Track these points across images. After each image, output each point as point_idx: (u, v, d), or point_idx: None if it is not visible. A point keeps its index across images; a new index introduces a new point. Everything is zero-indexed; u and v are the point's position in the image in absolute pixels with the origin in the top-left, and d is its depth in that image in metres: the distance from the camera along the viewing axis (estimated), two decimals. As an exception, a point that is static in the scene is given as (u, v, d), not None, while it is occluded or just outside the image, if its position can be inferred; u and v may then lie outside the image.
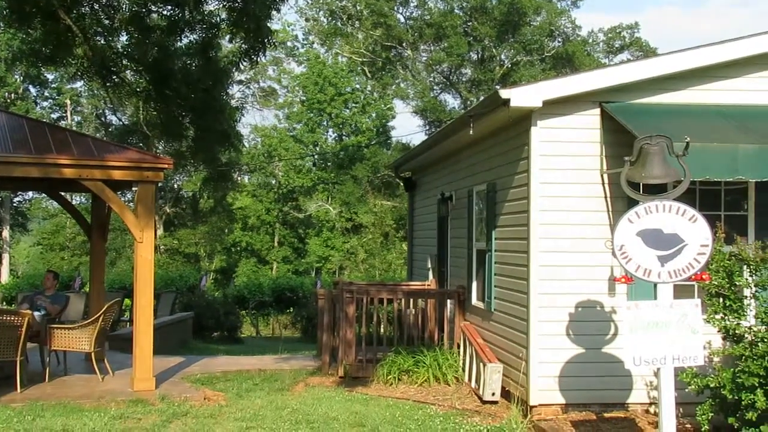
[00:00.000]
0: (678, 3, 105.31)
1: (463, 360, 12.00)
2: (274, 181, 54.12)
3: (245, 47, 14.64)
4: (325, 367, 12.98)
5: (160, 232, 46.95)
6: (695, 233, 7.15)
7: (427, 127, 49.49)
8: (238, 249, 53.70)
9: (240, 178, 53.51)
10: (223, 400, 10.88)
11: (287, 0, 15.21)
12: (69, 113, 50.48)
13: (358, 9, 50.34)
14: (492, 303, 11.23)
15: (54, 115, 50.50)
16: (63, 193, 15.17)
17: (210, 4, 14.72)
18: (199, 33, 15.03)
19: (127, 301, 19.92)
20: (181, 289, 28.62)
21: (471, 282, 12.60)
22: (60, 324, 12.42)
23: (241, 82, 50.92)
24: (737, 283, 8.08)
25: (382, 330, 13.51)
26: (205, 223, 50.86)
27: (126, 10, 14.84)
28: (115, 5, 14.85)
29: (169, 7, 14.74)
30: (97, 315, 11.86)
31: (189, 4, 14.13)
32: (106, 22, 15.11)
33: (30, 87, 49.55)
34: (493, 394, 10.50)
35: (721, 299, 8.10)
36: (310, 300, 28.89)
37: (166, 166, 11.75)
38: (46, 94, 51.00)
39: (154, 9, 15.03)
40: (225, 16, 14.57)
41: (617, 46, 52.28)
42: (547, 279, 9.60)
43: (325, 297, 13.50)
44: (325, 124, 53.39)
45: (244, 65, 15.93)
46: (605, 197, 9.65)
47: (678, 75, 9.77)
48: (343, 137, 53.46)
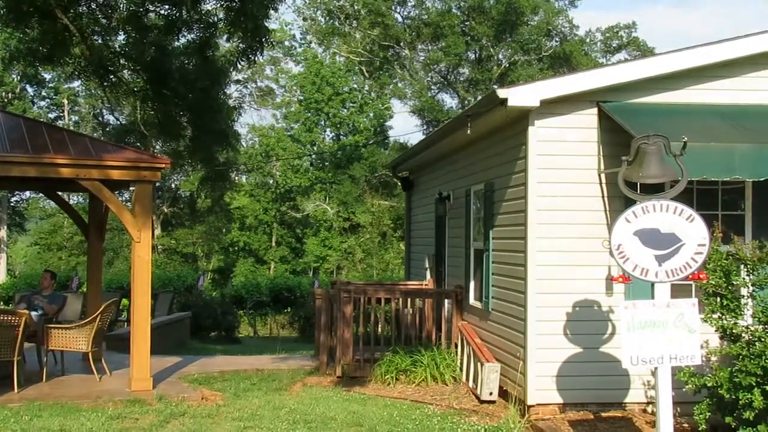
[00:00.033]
0: (675, 3, 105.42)
1: (461, 360, 12.00)
2: (271, 181, 54.09)
3: (243, 47, 14.62)
4: (323, 367, 12.98)
5: (158, 231, 46.91)
6: (692, 233, 7.16)
7: (425, 127, 49.47)
8: (236, 249, 53.67)
9: (237, 178, 53.40)
10: (221, 400, 10.87)
11: (285, -1, 15.20)
12: (66, 113, 50.44)
13: (356, 8, 50.28)
14: (489, 302, 11.24)
15: (51, 115, 50.44)
16: (60, 193, 15.15)
17: (207, 3, 14.71)
18: (197, 32, 15.03)
19: (124, 301, 19.92)
20: (179, 288, 28.63)
21: (469, 282, 12.60)
22: (57, 324, 12.41)
23: (238, 81, 50.88)
24: (734, 282, 8.09)
25: (380, 330, 13.52)
26: (202, 223, 50.82)
27: (123, 10, 14.83)
28: (112, 5, 14.85)
29: (167, 6, 14.73)
30: (95, 315, 11.85)
31: (186, 4, 14.12)
32: (104, 22, 15.11)
33: (27, 86, 49.45)
34: (490, 394, 10.50)
35: (718, 298, 8.11)
36: (307, 300, 28.93)
37: (164, 165, 11.76)
38: (43, 93, 50.92)
39: (152, 8, 15.03)
40: (222, 15, 14.56)
41: (615, 45, 52.27)
42: (545, 279, 9.60)
43: (322, 297, 13.49)
44: (322, 123, 53.36)
45: (241, 65, 15.92)
46: (602, 197, 9.66)
47: (675, 74, 9.77)
48: (341, 137, 53.44)
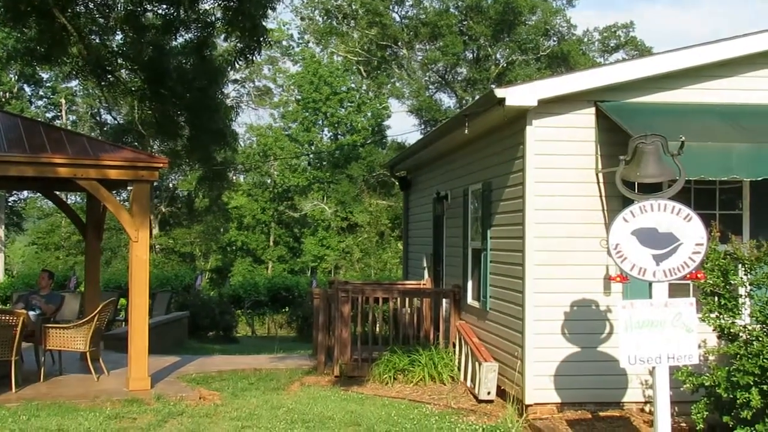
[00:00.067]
0: (673, 2, 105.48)
1: (459, 359, 12.00)
2: (269, 181, 54.08)
3: (240, 46, 14.63)
4: (321, 367, 12.97)
5: (156, 231, 46.88)
6: (690, 232, 7.16)
7: (423, 127, 49.47)
8: (234, 248, 53.66)
9: (235, 178, 53.41)
10: (219, 400, 10.87)
11: (282, -1, 15.22)
12: (64, 112, 50.42)
13: (354, 8, 50.28)
14: (487, 302, 11.24)
15: (49, 115, 50.42)
16: (58, 193, 15.12)
17: (205, 2, 14.72)
18: (194, 32, 15.03)
19: (122, 300, 19.91)
20: (177, 288, 28.59)
21: (466, 281, 12.61)
22: (55, 323, 12.39)
23: (236, 81, 50.88)
24: (732, 281, 8.09)
25: (378, 329, 13.53)
26: (200, 223, 50.81)
27: (121, 9, 14.84)
28: (109, 4, 14.86)
29: (164, 6, 14.74)
30: (93, 314, 11.84)
31: (184, 3, 14.13)
32: (101, 21, 15.12)
33: (25, 86, 49.45)
34: (488, 393, 10.50)
35: (716, 298, 8.11)
36: (305, 299, 28.90)
37: (161, 165, 11.75)
38: (41, 93, 50.93)
39: (149, 8, 15.04)
40: (220, 15, 14.56)
41: (612, 45, 52.28)
42: (543, 278, 9.61)
43: (320, 296, 13.48)
44: (320, 123, 53.35)
45: (239, 64, 15.93)
46: (600, 196, 9.66)
47: (673, 74, 9.78)
48: (339, 136, 53.42)
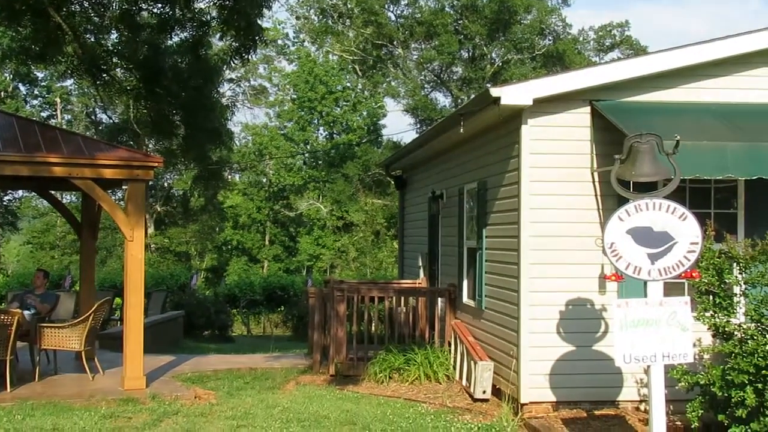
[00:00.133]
0: (669, 2, 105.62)
1: (454, 358, 12.01)
2: (264, 180, 54.03)
3: (236, 45, 14.63)
4: (316, 366, 12.97)
5: (151, 230, 46.81)
6: (685, 231, 7.17)
7: (418, 126, 49.47)
8: (229, 247, 53.60)
9: (231, 177, 53.38)
10: (214, 399, 10.86)
11: (278, -2, 15.25)
12: (59, 111, 50.30)
13: (349, 7, 50.25)
14: (483, 301, 11.24)
15: (44, 114, 50.31)
16: (53, 192, 15.13)
17: (200, 1, 14.73)
18: (190, 31, 15.04)
19: (117, 299, 19.85)
20: (172, 287, 28.56)
21: (462, 280, 12.61)
22: (50, 323, 12.38)
23: (231, 80, 50.81)
24: (727, 280, 8.10)
25: (373, 328, 13.51)
26: (195, 222, 50.75)
27: (116, 8, 14.84)
28: (104, 3, 14.85)
29: (160, 5, 14.74)
30: (88, 314, 11.83)
31: (179, 2, 14.14)
32: (96, 20, 15.11)
33: (20, 85, 49.36)
34: (484, 392, 10.51)
35: (710, 297, 8.13)
36: (301, 298, 28.88)
37: (157, 164, 11.75)
38: (36, 92, 50.78)
39: (145, 7, 15.04)
40: (215, 14, 14.56)
41: (608, 44, 52.30)
42: (538, 277, 9.61)
43: (315, 295, 13.48)
44: (315, 122, 53.31)
45: (234, 63, 15.94)
46: (596, 195, 9.67)
47: (668, 73, 9.79)
48: (334, 135, 53.39)
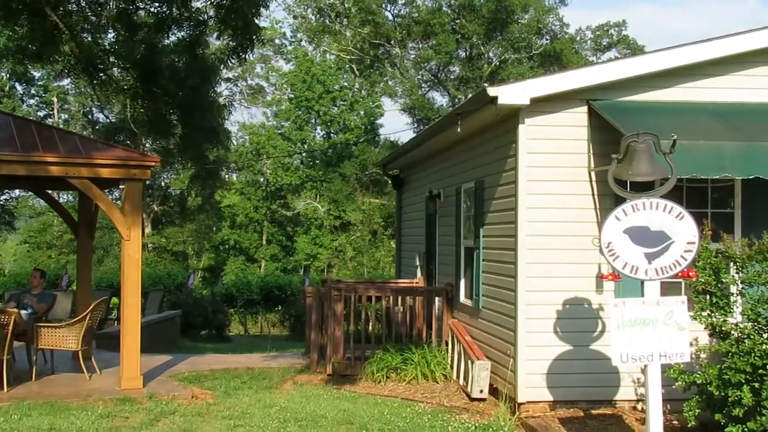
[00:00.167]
0: (666, 1, 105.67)
1: (452, 357, 12.01)
2: (262, 179, 54.02)
3: (233, 44, 14.62)
4: (314, 365, 12.97)
5: (148, 230, 46.81)
6: (682, 230, 7.17)
7: (416, 125, 49.46)
8: (226, 247, 53.59)
9: (228, 176, 53.38)
10: (211, 399, 10.86)
11: (275, -3, 15.24)
12: (56, 111, 50.28)
13: (346, 6, 50.23)
14: (480, 300, 11.25)
15: (41, 113, 50.28)
16: (50, 191, 15.11)
17: (197, 1, 14.72)
18: (187, 30, 15.03)
19: (114, 299, 19.88)
20: (169, 287, 28.59)
21: (459, 279, 12.61)
22: (47, 322, 12.36)
23: (228, 79, 50.79)
24: (724, 280, 8.10)
25: (371, 328, 13.52)
26: (193, 221, 50.74)
27: (113, 8, 14.83)
28: (101, 2, 14.84)
29: (157, 4, 14.73)
30: (84, 313, 11.82)
31: (176, 2, 14.14)
32: (93, 20, 15.10)
33: (16, 84, 49.33)
34: (481, 392, 10.51)
35: (707, 296, 8.13)
36: (298, 298, 28.92)
37: (153, 163, 11.74)
38: (32, 91, 50.79)
39: (141, 6, 15.03)
40: (213, 13, 14.55)
41: (605, 43, 52.36)
42: (535, 276, 9.61)
43: (313, 295, 13.48)
44: (313, 121, 53.31)
45: (232, 62, 15.93)
46: (593, 195, 9.67)
47: (665, 73, 9.79)
48: (332, 135, 53.39)
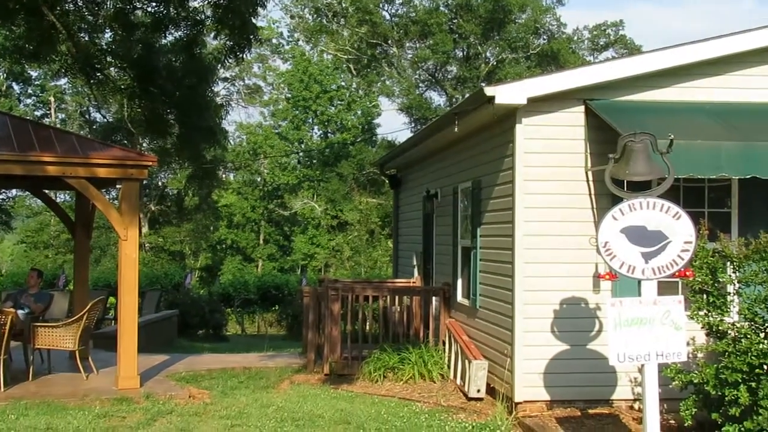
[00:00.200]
0: (663, 1, 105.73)
1: (449, 357, 12.01)
2: (259, 179, 54.01)
3: (230, 44, 14.61)
4: (311, 365, 12.96)
5: (145, 229, 46.76)
6: (679, 230, 7.17)
7: (413, 125, 49.46)
8: (224, 247, 53.58)
9: (225, 176, 53.35)
10: (208, 398, 10.85)
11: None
12: (53, 110, 50.23)
13: (344, 6, 50.25)
14: (477, 300, 11.25)
15: (38, 113, 50.22)
16: (47, 191, 15.08)
17: (195, 0, 14.71)
18: (184, 30, 15.01)
19: (111, 299, 19.85)
20: (166, 286, 28.55)
21: (456, 279, 12.61)
22: (44, 322, 12.35)
23: (226, 79, 50.79)
24: (721, 279, 8.12)
25: (368, 327, 13.53)
26: (190, 221, 50.70)
27: (110, 7, 14.82)
28: (98, 2, 14.83)
29: (154, 3, 14.72)
30: (82, 313, 11.81)
31: (173, 1, 14.12)
32: (90, 19, 15.08)
33: (13, 84, 49.29)
34: (478, 391, 10.51)
35: (704, 296, 8.14)
36: (295, 297, 28.89)
37: (151, 163, 11.73)
38: (29, 91, 50.77)
39: (139, 6, 15.02)
40: (210, 12, 14.54)
41: (602, 43, 52.38)
42: (532, 276, 9.61)
43: (310, 294, 13.48)
44: (310, 121, 53.31)
45: (229, 62, 15.92)
46: (590, 194, 9.67)
47: (663, 72, 9.79)
48: (329, 134, 53.40)
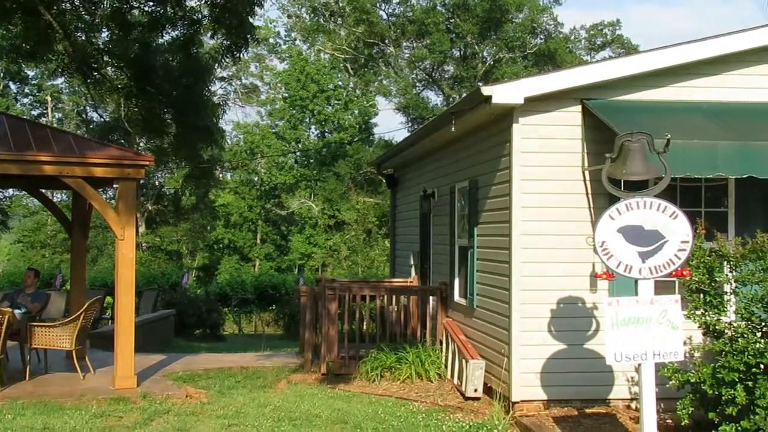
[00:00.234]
0: (660, 1, 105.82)
1: (446, 356, 12.01)
2: (256, 178, 53.96)
3: (227, 43, 14.60)
4: (308, 365, 12.96)
5: (142, 229, 46.70)
6: (676, 229, 7.18)
7: (410, 124, 49.46)
8: (221, 246, 53.51)
9: (222, 175, 53.27)
10: (205, 398, 10.85)
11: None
12: (50, 110, 50.14)
13: (341, 6, 50.23)
14: (474, 299, 11.25)
15: (35, 112, 50.17)
16: (44, 191, 15.07)
17: (191, 0, 14.70)
18: (181, 29, 14.99)
19: (108, 298, 19.83)
20: (163, 286, 28.54)
21: (453, 279, 12.62)
22: (41, 322, 12.35)
23: (223, 78, 50.72)
24: (717, 279, 8.13)
25: (365, 327, 13.52)
26: (187, 221, 50.64)
27: (107, 6, 14.80)
28: (95, 1, 14.80)
29: (151, 3, 14.70)
30: (78, 313, 11.81)
31: (171, 1, 14.10)
32: (87, 18, 15.06)
33: (10, 83, 49.22)
34: (475, 391, 10.52)
35: (701, 295, 8.15)
36: (292, 297, 28.87)
37: (147, 162, 11.73)
38: (26, 90, 50.67)
39: (135, 5, 15.00)
40: (207, 12, 14.52)
41: (599, 43, 52.38)
42: (529, 275, 9.62)
43: (307, 294, 13.47)
44: (307, 121, 53.25)
45: (226, 62, 15.90)
46: (587, 194, 9.68)
47: (659, 72, 9.80)
48: (326, 134, 53.36)
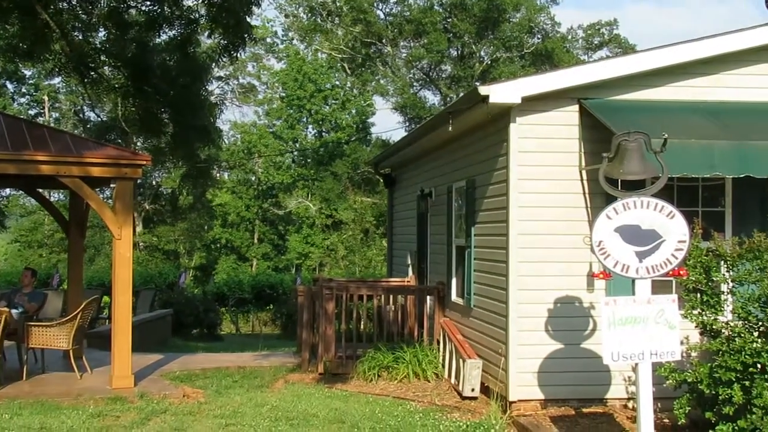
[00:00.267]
0: (657, 1, 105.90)
1: (443, 356, 12.02)
2: (253, 178, 53.92)
3: (224, 43, 14.59)
4: (305, 364, 12.96)
5: (139, 228, 46.68)
6: (673, 229, 7.18)
7: (407, 124, 49.49)
8: (218, 246, 53.46)
9: (219, 175, 53.21)
10: (202, 398, 10.84)
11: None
12: (47, 110, 50.10)
13: (338, 5, 50.24)
14: (471, 299, 11.26)
15: (32, 112, 50.11)
16: (41, 190, 15.07)
17: (189, -1, 14.70)
18: (178, 29, 14.98)
19: (105, 298, 19.84)
20: (161, 286, 28.56)
21: (450, 278, 12.62)
22: (38, 322, 12.33)
23: (220, 78, 50.67)
24: (714, 278, 8.13)
25: (362, 326, 13.51)
26: (184, 220, 50.63)
27: (104, 6, 14.78)
28: (92, 1, 14.78)
29: (148, 2, 14.68)
30: (75, 312, 11.80)
31: (168, 0, 14.09)
32: (84, 18, 15.04)
33: (7, 83, 49.11)
34: (472, 390, 10.52)
35: (698, 295, 8.16)
36: (289, 297, 28.91)
37: (145, 162, 11.72)
38: (23, 90, 50.61)
39: (133, 4, 14.98)
40: (204, 11, 14.52)
41: (596, 42, 52.43)
42: (526, 275, 9.62)
43: (304, 294, 13.48)
44: (304, 120, 53.20)
45: (223, 61, 15.90)
46: (584, 193, 9.69)
47: (657, 72, 9.81)
48: (323, 134, 53.33)
